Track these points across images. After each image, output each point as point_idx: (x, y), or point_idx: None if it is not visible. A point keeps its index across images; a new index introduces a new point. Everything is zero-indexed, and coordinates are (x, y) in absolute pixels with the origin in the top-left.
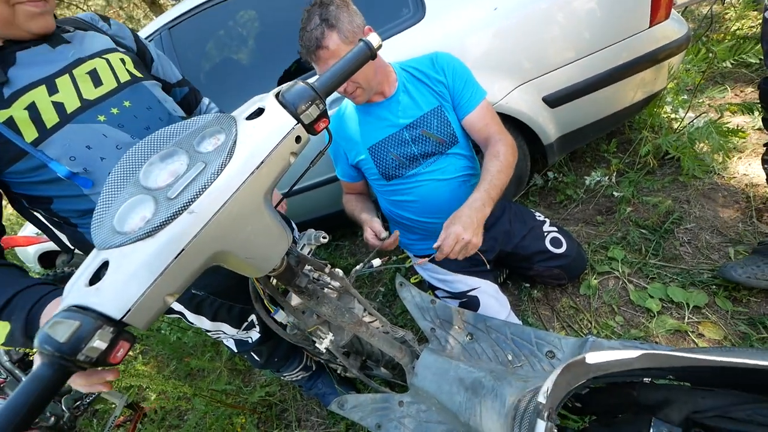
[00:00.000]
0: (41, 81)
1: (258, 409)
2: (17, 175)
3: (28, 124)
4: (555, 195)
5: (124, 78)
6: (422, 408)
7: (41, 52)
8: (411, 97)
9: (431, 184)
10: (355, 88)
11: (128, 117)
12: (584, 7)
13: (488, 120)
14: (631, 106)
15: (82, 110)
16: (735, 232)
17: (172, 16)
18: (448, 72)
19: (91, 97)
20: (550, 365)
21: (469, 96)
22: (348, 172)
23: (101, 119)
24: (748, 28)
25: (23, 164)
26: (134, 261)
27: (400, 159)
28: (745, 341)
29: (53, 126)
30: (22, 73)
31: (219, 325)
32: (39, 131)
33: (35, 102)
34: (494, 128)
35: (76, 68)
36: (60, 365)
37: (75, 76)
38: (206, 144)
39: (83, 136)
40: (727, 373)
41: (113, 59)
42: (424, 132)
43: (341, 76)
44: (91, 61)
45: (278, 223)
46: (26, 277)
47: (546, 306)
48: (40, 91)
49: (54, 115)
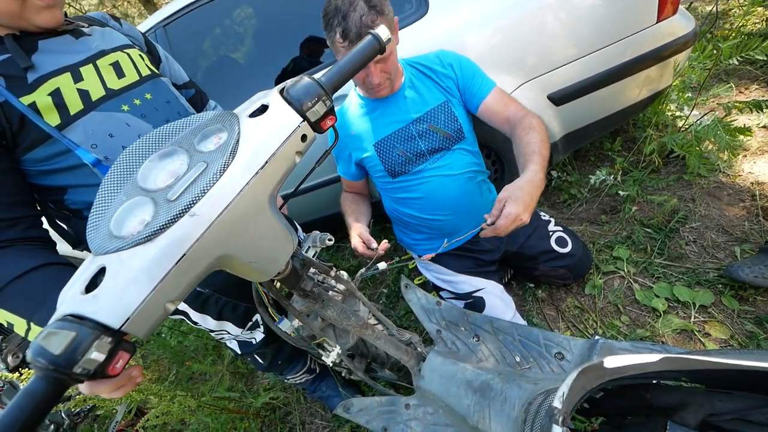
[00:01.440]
0: (66, 68)
1: (261, 412)
2: (35, 163)
3: (51, 110)
4: (559, 194)
5: (144, 72)
6: (429, 411)
7: (64, 42)
8: (418, 92)
9: (438, 180)
10: (385, 79)
11: (150, 109)
12: (589, 3)
13: (506, 101)
14: (636, 104)
15: (106, 98)
16: (741, 230)
17: (167, 13)
18: (455, 66)
19: (115, 87)
20: (559, 367)
21: (480, 84)
22: (350, 170)
23: (125, 109)
24: (753, 25)
25: (43, 150)
26: (133, 267)
27: (407, 155)
28: (752, 340)
29: (77, 113)
30: (46, 59)
31: (223, 324)
32: (62, 117)
33: (60, 88)
34: (515, 106)
35: (99, 59)
36: (55, 379)
37: (99, 67)
38: (207, 143)
39: (107, 124)
40: (743, 376)
41: (133, 54)
42: (431, 126)
43: (349, 71)
44: (113, 53)
45: (283, 226)
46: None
47: (551, 306)
48: (65, 78)
49: (78, 101)
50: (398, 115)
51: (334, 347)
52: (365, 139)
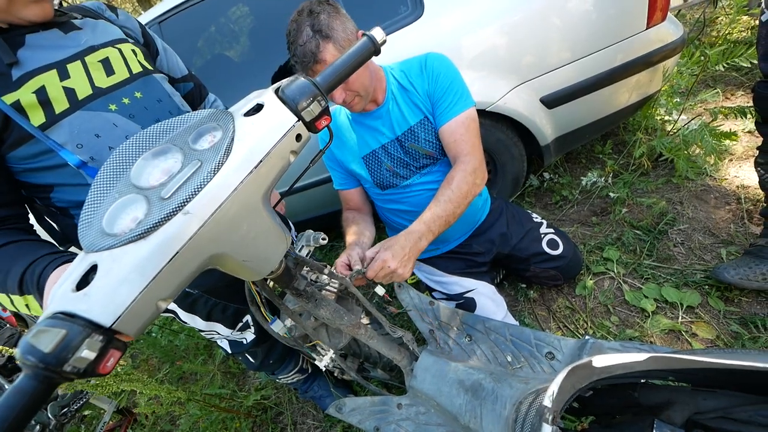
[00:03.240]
0: (52, 65)
1: (253, 412)
2: (20, 161)
3: (36, 108)
4: (551, 196)
5: (135, 69)
6: (421, 410)
7: (52, 37)
8: (399, 107)
9: (425, 194)
10: (354, 97)
11: (139, 108)
12: (582, 8)
13: (458, 136)
14: (627, 108)
15: (93, 98)
16: (727, 233)
17: (163, 10)
18: (433, 77)
19: (103, 85)
20: (550, 367)
21: (446, 107)
22: (344, 178)
23: (112, 108)
24: (738, 33)
25: (27, 149)
26: (125, 264)
27: (394, 170)
28: (737, 341)
29: (62, 112)
30: (32, 55)
31: (213, 325)
32: (47, 116)
33: (45, 86)
34: (462, 147)
35: (88, 55)
36: (45, 377)
37: (87, 63)
38: (202, 141)
39: (93, 124)
40: (727, 375)
41: (125, 49)
42: (412, 146)
43: (344, 72)
44: (103, 49)
45: (277, 225)
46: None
47: (542, 306)
48: (50, 76)
49: (64, 100)
50: (382, 131)
51: (327, 351)
52: (354, 152)
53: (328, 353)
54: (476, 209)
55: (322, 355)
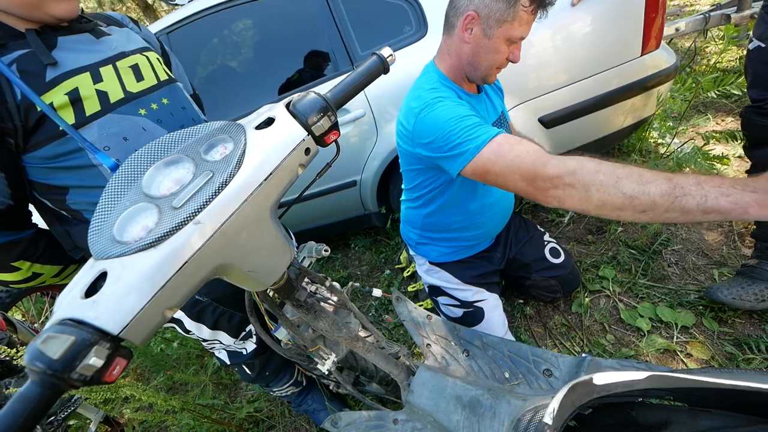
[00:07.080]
0: (86, 68)
1: (244, 425)
2: (40, 161)
3: (67, 109)
4: (547, 213)
5: (162, 77)
6: (417, 426)
7: (84, 41)
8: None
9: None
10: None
11: (166, 114)
12: (581, 33)
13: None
14: (622, 130)
15: (125, 101)
16: (719, 254)
17: (171, 21)
18: None
19: (133, 90)
20: (548, 383)
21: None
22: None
23: (142, 113)
24: (728, 62)
25: (52, 149)
26: (135, 273)
27: None
28: (731, 362)
29: (93, 114)
30: (66, 57)
31: (217, 333)
32: (77, 117)
33: (78, 88)
34: None
35: (119, 61)
36: (52, 384)
37: (118, 68)
38: (213, 152)
39: (122, 127)
40: (725, 395)
41: (152, 57)
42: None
43: (353, 89)
44: (133, 56)
45: (282, 236)
46: None
47: (538, 323)
48: (84, 78)
49: (96, 102)
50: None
51: (330, 355)
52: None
53: (330, 357)
54: (511, 202)
55: (324, 360)
